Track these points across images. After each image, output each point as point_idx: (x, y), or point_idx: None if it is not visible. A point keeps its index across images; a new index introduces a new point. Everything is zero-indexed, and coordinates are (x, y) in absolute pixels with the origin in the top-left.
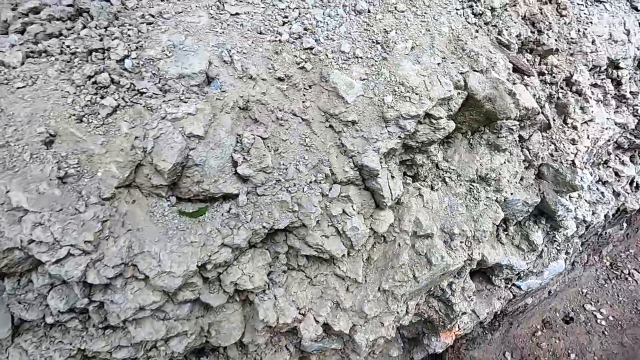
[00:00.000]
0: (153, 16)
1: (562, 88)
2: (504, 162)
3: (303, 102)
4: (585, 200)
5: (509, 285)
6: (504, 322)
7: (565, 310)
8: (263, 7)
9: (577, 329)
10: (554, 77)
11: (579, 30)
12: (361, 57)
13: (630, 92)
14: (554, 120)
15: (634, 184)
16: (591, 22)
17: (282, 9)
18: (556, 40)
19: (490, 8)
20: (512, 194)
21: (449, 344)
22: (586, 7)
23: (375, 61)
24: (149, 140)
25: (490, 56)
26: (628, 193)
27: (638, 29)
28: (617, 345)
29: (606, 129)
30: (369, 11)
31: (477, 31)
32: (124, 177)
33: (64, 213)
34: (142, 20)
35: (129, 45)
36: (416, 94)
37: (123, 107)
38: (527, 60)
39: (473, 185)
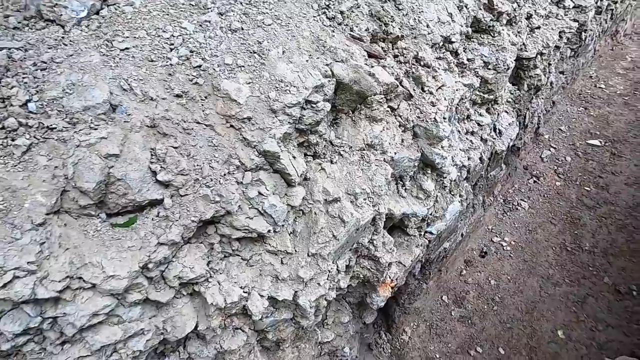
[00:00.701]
0: (45, 62)
1: (413, 64)
2: (383, 130)
3: (203, 111)
4: (460, 149)
5: (423, 233)
6: (434, 270)
7: (479, 247)
8: (149, 39)
9: (491, 260)
10: (405, 57)
11: (415, 19)
12: (243, 66)
13: (467, 59)
14: (414, 90)
15: (497, 131)
16: (422, 11)
17: (167, 38)
18: (400, 29)
19: (340, 12)
20: (396, 153)
21: (387, 297)
22: (416, 0)
23: (256, 67)
24: (69, 167)
25: (347, 49)
26: (494, 138)
27: (457, 11)
28: (521, 262)
29: (457, 90)
30: (242, 29)
31: (333, 31)
32: (52, 204)
33: (2, 242)
34: (35, 68)
35: (28, 91)
36: (294, 86)
37: (37, 144)
38: (381, 47)
39: (363, 153)
